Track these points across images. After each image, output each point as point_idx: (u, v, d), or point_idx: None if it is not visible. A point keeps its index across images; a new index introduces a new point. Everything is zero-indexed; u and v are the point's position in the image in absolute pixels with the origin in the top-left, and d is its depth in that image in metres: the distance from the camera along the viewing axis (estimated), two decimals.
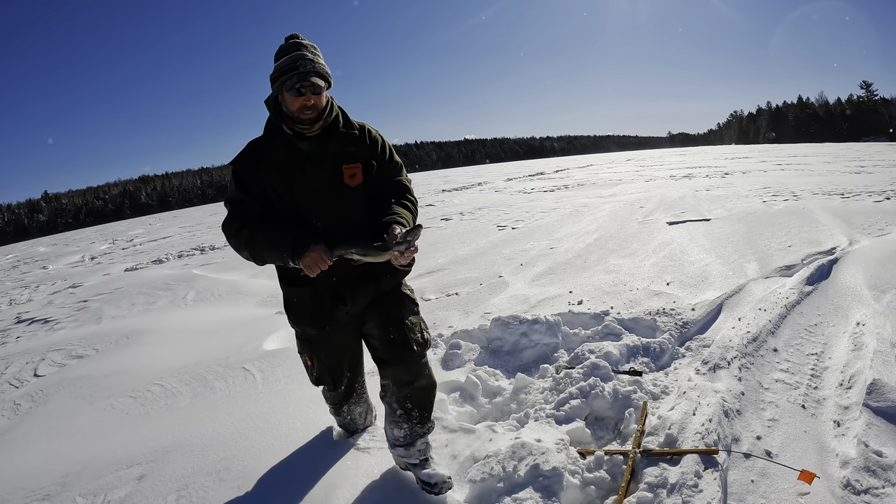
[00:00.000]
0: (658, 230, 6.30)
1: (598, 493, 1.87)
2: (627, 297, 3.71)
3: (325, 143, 1.75)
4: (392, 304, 1.88)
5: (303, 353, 2.01)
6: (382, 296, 1.88)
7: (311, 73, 1.64)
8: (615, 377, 2.59)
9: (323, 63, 1.69)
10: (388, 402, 1.90)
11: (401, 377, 1.83)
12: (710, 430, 2.00)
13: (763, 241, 5.16)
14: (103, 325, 5.16)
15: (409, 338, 1.83)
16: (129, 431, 2.60)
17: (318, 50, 1.72)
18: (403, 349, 1.81)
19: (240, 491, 1.96)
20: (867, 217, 6.02)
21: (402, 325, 1.84)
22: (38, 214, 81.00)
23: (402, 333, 1.82)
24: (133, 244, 16.25)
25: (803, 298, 3.45)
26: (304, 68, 1.62)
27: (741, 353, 2.68)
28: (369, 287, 1.85)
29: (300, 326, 1.91)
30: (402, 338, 1.82)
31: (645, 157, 37.30)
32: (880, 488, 1.75)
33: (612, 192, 11.80)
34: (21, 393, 3.42)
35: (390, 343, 1.82)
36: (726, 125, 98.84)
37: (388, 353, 1.83)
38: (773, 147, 38.67)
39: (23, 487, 2.18)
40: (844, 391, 2.37)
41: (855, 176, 11.08)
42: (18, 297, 8.40)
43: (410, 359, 1.82)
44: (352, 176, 1.77)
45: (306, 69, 1.62)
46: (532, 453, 1.99)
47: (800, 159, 18.75)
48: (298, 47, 1.66)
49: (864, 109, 66.87)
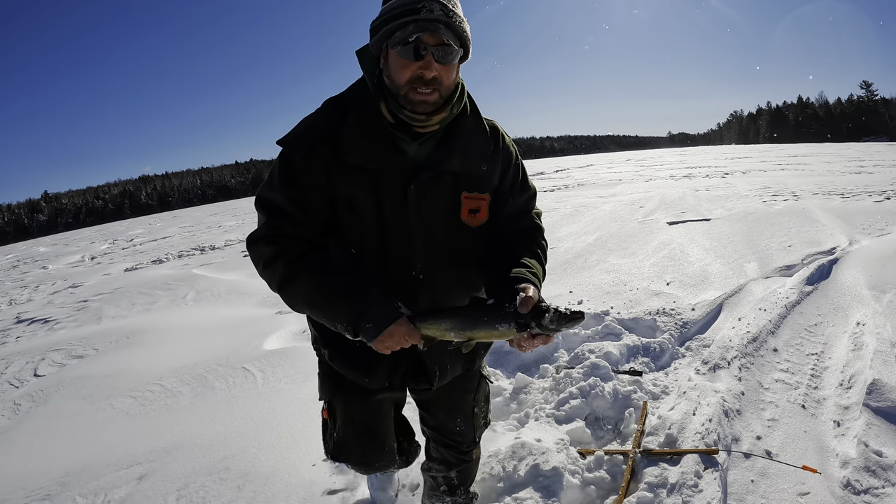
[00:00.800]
0: (658, 230, 6.30)
1: (598, 493, 1.87)
2: (627, 296, 3.71)
3: (444, 150, 1.16)
4: (467, 388, 1.46)
5: (325, 398, 1.41)
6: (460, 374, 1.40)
7: (442, 22, 1.04)
8: (615, 377, 2.59)
9: (462, 16, 1.09)
10: (433, 476, 1.62)
11: (454, 461, 1.56)
12: (710, 430, 2.00)
13: (763, 241, 5.16)
14: (103, 325, 5.15)
15: (477, 429, 1.53)
16: (129, 431, 2.60)
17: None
18: (467, 441, 1.52)
19: (240, 491, 1.96)
20: (867, 217, 6.03)
21: (472, 416, 1.49)
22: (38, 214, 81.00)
23: (470, 426, 1.50)
24: (133, 244, 16.25)
25: (803, 298, 3.45)
26: (429, 13, 1.03)
27: (741, 353, 2.68)
28: (458, 363, 1.35)
29: (341, 366, 1.30)
30: (469, 430, 1.50)
31: (645, 157, 37.30)
32: (880, 488, 1.75)
33: (612, 192, 11.80)
34: (21, 393, 3.41)
35: (455, 433, 1.49)
36: (726, 125, 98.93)
37: (449, 441, 1.52)
38: (773, 147, 38.70)
39: (23, 487, 2.18)
40: (844, 391, 2.37)
41: (855, 176, 11.09)
42: (18, 297, 8.40)
43: (471, 449, 1.56)
44: (474, 211, 1.20)
45: (434, 16, 1.03)
46: (532, 453, 1.99)
47: (800, 159, 18.75)
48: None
49: (864, 109, 66.85)
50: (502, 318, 1.03)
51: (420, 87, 1.06)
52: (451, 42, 1.06)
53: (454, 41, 1.07)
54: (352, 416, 1.37)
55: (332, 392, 1.37)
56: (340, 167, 1.11)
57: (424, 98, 1.07)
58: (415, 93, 1.06)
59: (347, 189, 1.12)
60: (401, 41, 1.05)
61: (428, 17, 1.03)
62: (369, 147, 1.11)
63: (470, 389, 1.46)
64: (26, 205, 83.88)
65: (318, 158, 1.11)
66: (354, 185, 1.12)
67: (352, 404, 1.36)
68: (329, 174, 1.11)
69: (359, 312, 1.05)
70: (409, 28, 1.03)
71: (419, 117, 1.09)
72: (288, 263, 1.09)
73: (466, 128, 1.18)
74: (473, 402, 1.48)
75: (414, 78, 1.06)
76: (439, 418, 1.48)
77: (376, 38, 1.09)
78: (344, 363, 1.28)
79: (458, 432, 1.48)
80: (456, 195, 1.18)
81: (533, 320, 1.01)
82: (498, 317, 1.04)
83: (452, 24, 1.05)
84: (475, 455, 1.60)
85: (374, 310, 1.05)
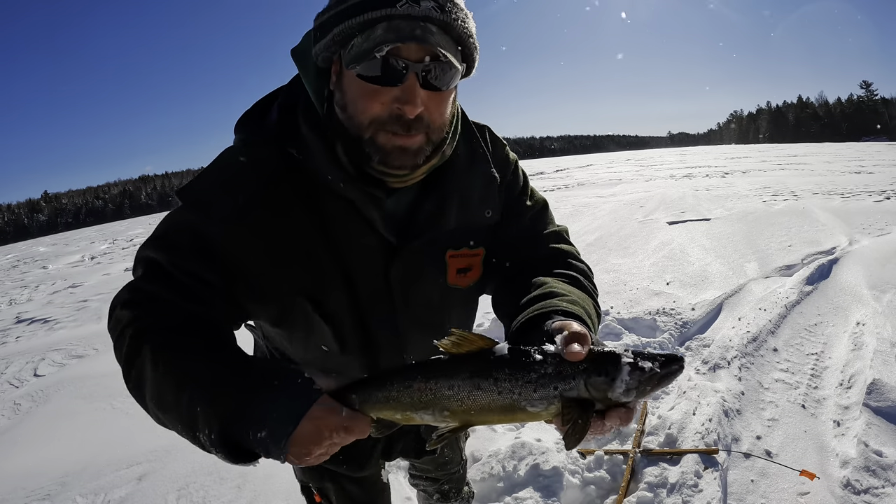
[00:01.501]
0: (658, 230, 6.30)
1: (598, 493, 1.87)
2: (627, 296, 3.71)
3: (434, 201, 0.81)
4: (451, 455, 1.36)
5: (313, 483, 1.16)
6: None
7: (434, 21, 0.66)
8: None
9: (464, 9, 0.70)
10: (423, 489, 1.52)
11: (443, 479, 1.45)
12: (710, 430, 2.00)
13: (763, 240, 5.16)
14: (103, 325, 5.10)
15: (462, 450, 1.43)
16: (129, 431, 2.60)
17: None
18: (454, 464, 1.42)
19: (240, 491, 1.97)
20: (867, 217, 6.03)
21: (456, 440, 1.38)
22: (38, 214, 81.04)
23: (457, 451, 1.40)
24: (133, 244, 16.24)
25: (803, 298, 3.45)
26: (411, 7, 0.64)
27: (741, 352, 2.68)
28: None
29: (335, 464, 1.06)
30: (456, 455, 1.40)
31: (645, 156, 37.31)
32: (880, 488, 1.75)
33: (612, 192, 11.80)
34: (21, 393, 3.41)
35: (442, 464, 1.38)
36: (726, 125, 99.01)
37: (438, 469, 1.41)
38: (773, 147, 38.72)
39: (23, 487, 2.18)
40: (844, 391, 2.37)
41: (855, 176, 11.09)
42: (18, 297, 8.40)
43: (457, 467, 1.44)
44: (463, 270, 0.87)
45: (419, 10, 0.65)
46: (532, 453, 1.99)
47: (800, 159, 18.76)
48: None
49: (864, 109, 66.90)
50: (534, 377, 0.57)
51: (397, 129, 0.69)
52: (449, 54, 0.66)
53: (453, 52, 0.68)
54: (350, 496, 1.15)
55: (322, 477, 1.12)
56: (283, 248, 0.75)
57: (402, 143, 0.70)
58: (387, 136, 0.69)
59: (288, 272, 0.76)
60: (363, 55, 0.65)
61: (409, 13, 0.64)
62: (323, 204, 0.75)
63: (453, 453, 1.35)
64: (26, 205, 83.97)
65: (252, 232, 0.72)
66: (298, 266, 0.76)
67: (348, 488, 1.13)
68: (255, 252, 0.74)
69: (241, 405, 0.58)
70: (378, 32, 0.64)
71: (396, 172, 0.72)
72: (141, 332, 0.67)
73: (461, 160, 0.82)
74: (458, 463, 1.40)
75: (387, 116, 0.68)
76: (425, 479, 1.38)
77: (323, 44, 0.70)
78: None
79: (446, 462, 1.35)
80: (440, 256, 0.84)
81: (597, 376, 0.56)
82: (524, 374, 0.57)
83: (450, 23, 0.66)
84: (463, 469, 1.50)
85: (273, 395, 0.58)
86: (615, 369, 0.56)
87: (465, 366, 0.59)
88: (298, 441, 0.57)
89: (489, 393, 0.58)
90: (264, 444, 0.57)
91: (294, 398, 0.58)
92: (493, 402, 0.58)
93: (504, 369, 0.58)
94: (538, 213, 0.93)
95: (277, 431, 0.56)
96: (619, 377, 0.55)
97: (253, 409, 0.58)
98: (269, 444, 0.57)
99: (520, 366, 0.57)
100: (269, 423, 0.57)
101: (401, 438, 1.07)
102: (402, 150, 0.70)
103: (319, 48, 0.71)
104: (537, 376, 0.57)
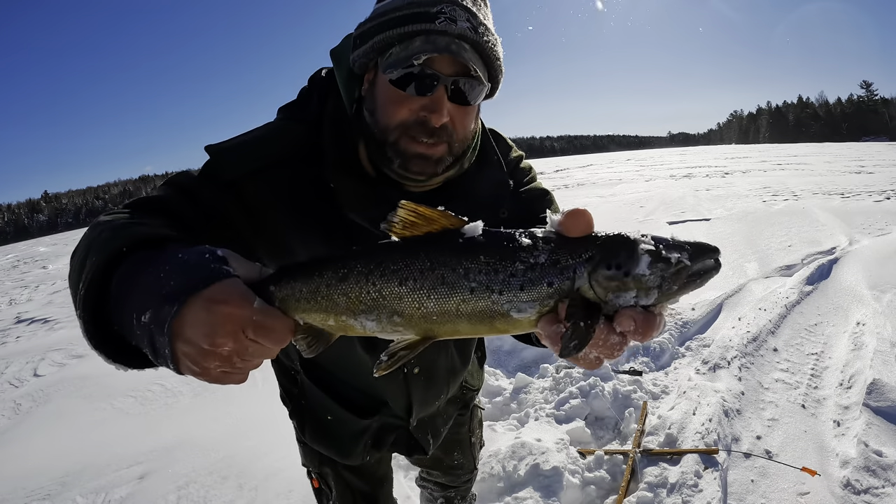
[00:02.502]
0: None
1: (598, 493, 1.87)
2: None
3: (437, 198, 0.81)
4: (460, 422, 1.29)
5: (312, 468, 1.19)
6: None
7: (468, 40, 0.72)
8: (615, 377, 2.59)
9: (494, 33, 0.76)
10: (430, 492, 1.50)
11: (451, 485, 1.45)
12: (710, 430, 2.00)
13: (763, 240, 5.16)
14: None
15: (475, 457, 1.40)
16: (129, 431, 2.60)
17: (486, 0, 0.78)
18: (466, 470, 1.40)
19: (240, 491, 1.97)
20: (867, 217, 6.03)
21: (470, 446, 1.35)
22: (38, 214, 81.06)
23: (469, 456, 1.36)
24: None
25: (803, 298, 3.45)
26: (449, 24, 0.70)
27: (741, 352, 2.68)
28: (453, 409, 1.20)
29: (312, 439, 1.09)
30: (468, 460, 1.37)
31: (645, 156, 37.30)
32: (880, 488, 1.75)
33: (613, 192, 11.80)
34: (21, 393, 3.42)
35: (452, 467, 1.36)
36: (726, 125, 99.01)
37: (447, 474, 1.40)
38: (773, 147, 38.72)
39: (23, 487, 2.18)
40: (844, 391, 2.37)
41: (855, 176, 11.09)
42: (18, 297, 8.40)
43: (470, 475, 1.44)
44: None
45: (456, 29, 0.70)
46: (532, 453, 1.99)
47: (800, 159, 18.76)
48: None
49: (864, 109, 66.91)
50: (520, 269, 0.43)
51: (420, 136, 0.72)
52: (478, 71, 0.72)
53: (482, 70, 0.73)
54: (348, 483, 1.14)
55: (320, 462, 1.13)
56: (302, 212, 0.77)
57: (425, 151, 0.73)
58: (411, 142, 0.73)
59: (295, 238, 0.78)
60: (399, 63, 0.70)
61: (446, 30, 0.69)
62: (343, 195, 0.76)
63: (464, 423, 1.29)
64: (26, 205, 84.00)
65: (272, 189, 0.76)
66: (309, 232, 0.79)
67: (345, 475, 1.13)
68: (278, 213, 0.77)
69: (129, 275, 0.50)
70: (416, 43, 0.69)
71: (415, 177, 0.76)
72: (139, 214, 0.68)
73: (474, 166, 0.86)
74: (469, 432, 1.33)
75: (413, 122, 0.72)
76: (435, 456, 1.27)
77: (362, 51, 0.75)
78: (314, 437, 1.05)
79: (455, 466, 1.35)
80: None
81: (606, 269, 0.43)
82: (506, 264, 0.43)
83: (482, 43, 0.72)
84: (474, 476, 1.48)
85: (169, 267, 0.48)
86: (630, 259, 0.43)
87: (423, 252, 0.43)
88: (188, 330, 0.44)
89: (458, 291, 0.41)
90: (148, 331, 0.46)
91: (188, 272, 0.46)
92: (464, 305, 0.42)
93: (479, 257, 0.42)
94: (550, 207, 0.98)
95: (161, 312, 0.44)
96: (636, 270, 0.43)
97: (140, 282, 0.47)
98: (153, 331, 0.45)
99: (500, 253, 0.42)
100: (155, 301, 0.45)
101: (392, 430, 1.03)
102: (423, 157, 0.74)
103: (358, 54, 0.76)
104: (525, 267, 0.42)
